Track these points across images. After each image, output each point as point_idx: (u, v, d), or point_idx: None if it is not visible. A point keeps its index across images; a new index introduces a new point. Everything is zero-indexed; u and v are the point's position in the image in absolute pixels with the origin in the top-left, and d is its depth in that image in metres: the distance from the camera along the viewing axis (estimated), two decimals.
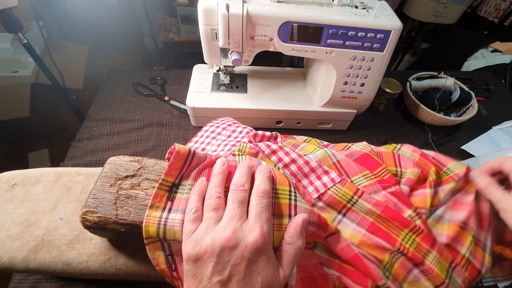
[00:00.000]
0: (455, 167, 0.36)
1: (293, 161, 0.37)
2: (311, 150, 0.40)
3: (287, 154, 0.38)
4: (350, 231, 0.33)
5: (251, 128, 0.46)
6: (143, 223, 0.27)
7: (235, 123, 0.51)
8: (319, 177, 0.35)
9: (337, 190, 0.34)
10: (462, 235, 0.32)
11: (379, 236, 0.31)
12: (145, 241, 0.27)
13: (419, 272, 0.31)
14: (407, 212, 0.33)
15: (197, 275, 0.23)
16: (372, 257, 0.31)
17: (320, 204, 0.34)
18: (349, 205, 0.34)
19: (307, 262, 0.29)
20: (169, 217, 0.27)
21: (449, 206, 0.34)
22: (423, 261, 0.31)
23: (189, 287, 0.24)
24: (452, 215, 0.33)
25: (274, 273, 0.24)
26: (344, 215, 0.34)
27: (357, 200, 0.33)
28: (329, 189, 0.34)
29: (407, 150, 0.40)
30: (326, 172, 0.35)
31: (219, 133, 0.49)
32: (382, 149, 0.41)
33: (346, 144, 0.43)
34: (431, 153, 0.39)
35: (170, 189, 0.29)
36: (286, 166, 0.36)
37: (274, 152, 0.38)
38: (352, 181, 0.37)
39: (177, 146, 0.30)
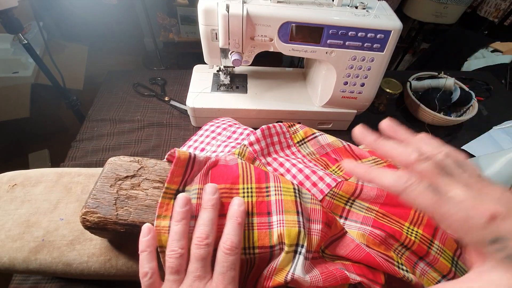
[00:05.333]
0: None
1: (288, 170, 0.38)
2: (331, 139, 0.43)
3: (281, 164, 0.39)
4: (357, 231, 0.33)
5: (252, 130, 0.46)
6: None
7: (235, 124, 0.51)
8: (314, 184, 0.35)
9: (333, 195, 0.34)
10: None
11: (385, 230, 0.32)
12: (158, 249, 0.27)
13: (425, 264, 0.31)
14: None
15: None
16: (383, 255, 0.31)
17: None
18: (347, 207, 0.34)
19: (327, 269, 0.29)
20: None
21: None
22: (428, 252, 0.31)
23: None
24: None
25: None
26: (346, 218, 0.34)
27: (354, 201, 0.34)
28: (326, 195, 0.34)
29: None
30: (321, 179, 0.35)
31: (219, 133, 0.49)
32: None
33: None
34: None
35: (175, 197, 0.29)
36: (282, 175, 0.37)
37: (268, 164, 0.39)
38: (363, 162, 0.39)
39: (177, 152, 0.30)
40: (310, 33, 0.49)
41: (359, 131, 0.23)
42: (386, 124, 0.23)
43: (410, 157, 0.20)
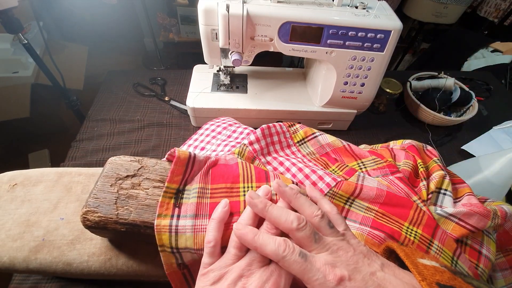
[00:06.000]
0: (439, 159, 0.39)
1: (287, 169, 0.38)
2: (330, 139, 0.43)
3: (281, 163, 0.39)
4: (355, 231, 0.33)
5: (252, 129, 0.46)
6: (155, 232, 0.27)
7: (235, 123, 0.51)
8: (314, 183, 0.35)
9: (333, 195, 0.34)
10: (468, 233, 0.32)
11: (384, 231, 0.32)
12: (159, 248, 0.27)
13: None
14: (413, 198, 0.34)
15: None
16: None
17: None
18: (347, 207, 0.34)
19: None
20: (179, 224, 0.27)
21: (458, 206, 0.35)
22: (427, 252, 0.31)
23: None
24: (460, 215, 0.33)
25: None
26: (345, 218, 0.34)
27: (353, 200, 0.34)
28: (326, 194, 0.34)
29: (397, 144, 0.43)
30: (321, 178, 0.35)
31: (219, 133, 0.49)
32: (379, 147, 0.44)
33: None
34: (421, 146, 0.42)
35: (176, 196, 0.29)
36: (281, 174, 0.37)
37: (268, 163, 0.39)
38: (362, 162, 0.39)
39: (177, 151, 0.30)
40: (310, 33, 0.49)
41: (249, 197, 0.26)
42: (276, 186, 0.28)
43: (292, 225, 0.23)
